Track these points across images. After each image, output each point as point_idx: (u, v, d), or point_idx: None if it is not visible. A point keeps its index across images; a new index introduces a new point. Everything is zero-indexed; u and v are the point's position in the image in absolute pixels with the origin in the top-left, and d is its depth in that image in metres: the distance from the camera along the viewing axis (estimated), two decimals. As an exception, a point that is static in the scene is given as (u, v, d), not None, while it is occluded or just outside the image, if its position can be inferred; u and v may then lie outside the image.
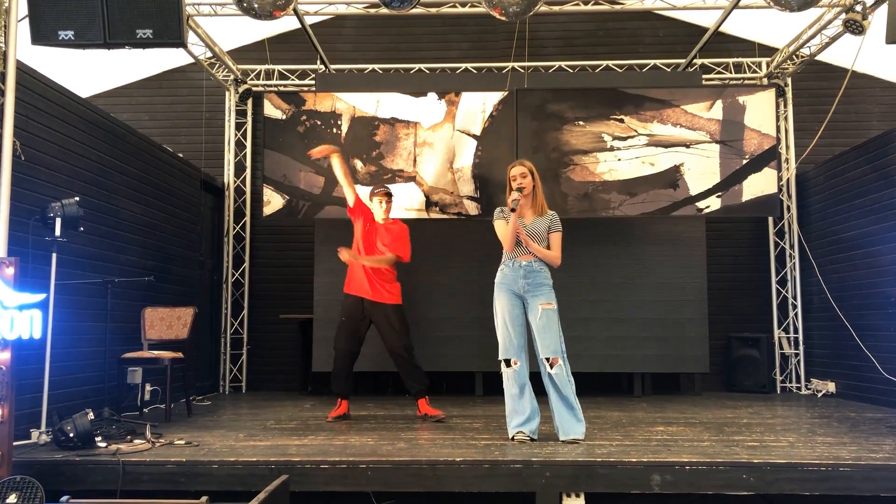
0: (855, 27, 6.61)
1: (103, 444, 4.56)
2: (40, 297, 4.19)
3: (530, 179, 4.97)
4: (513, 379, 4.87)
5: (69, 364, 5.45)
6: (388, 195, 6.08)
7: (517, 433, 4.79)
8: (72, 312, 5.45)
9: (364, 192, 6.37)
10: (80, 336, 5.62)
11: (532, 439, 4.76)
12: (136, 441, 4.69)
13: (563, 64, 8.58)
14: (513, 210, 4.85)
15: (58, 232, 4.96)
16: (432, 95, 7.35)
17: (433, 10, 7.20)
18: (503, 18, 6.02)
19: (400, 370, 6.02)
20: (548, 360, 4.78)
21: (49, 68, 5.71)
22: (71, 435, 4.47)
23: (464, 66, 8.61)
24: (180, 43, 5.44)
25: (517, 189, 4.92)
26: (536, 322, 4.84)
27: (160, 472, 4.15)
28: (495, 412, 6.34)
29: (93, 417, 4.72)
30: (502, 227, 4.96)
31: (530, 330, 4.91)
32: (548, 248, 4.98)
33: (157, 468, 4.16)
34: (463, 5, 7.14)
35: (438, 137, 7.29)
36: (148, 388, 6.39)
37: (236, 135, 8.83)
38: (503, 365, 4.90)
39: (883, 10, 5.57)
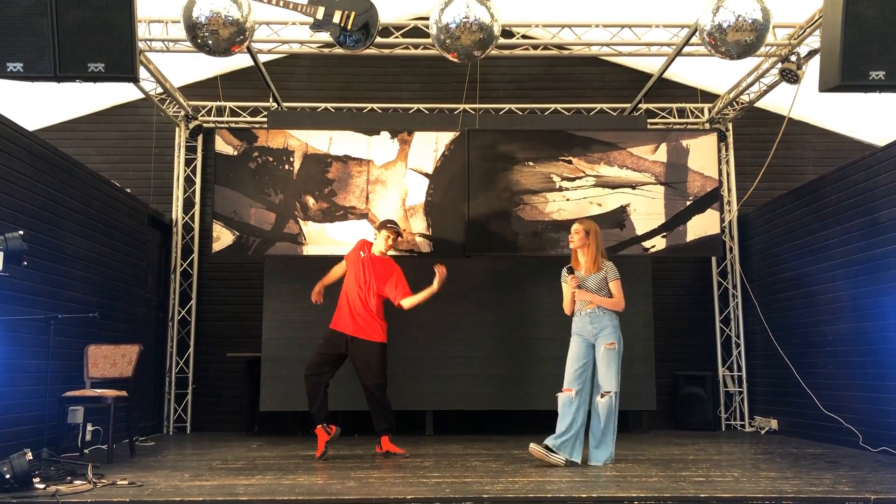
0: (790, 76, 6.92)
1: (41, 486, 4.40)
2: (-20, 332, 4.08)
3: (582, 237, 5.60)
4: (564, 403, 5.50)
5: (7, 403, 5.29)
6: (399, 234, 6.40)
7: (542, 446, 5.47)
8: (12, 349, 5.30)
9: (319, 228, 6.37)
10: (19, 373, 5.45)
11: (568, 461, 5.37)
12: (77, 482, 4.54)
13: (513, 106, 8.76)
14: (566, 282, 5.58)
15: (0, 266, 4.83)
16: (385, 134, 7.43)
17: (386, 52, 7.30)
18: (457, 61, 6.14)
19: (369, 407, 6.08)
20: (602, 393, 5.45)
21: (-6, 100, 5.63)
22: (7, 476, 4.30)
23: (416, 106, 8.73)
24: (133, 77, 5.40)
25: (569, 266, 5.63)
26: (599, 359, 5.49)
27: (102, 514, 4.02)
28: (445, 451, 6.32)
29: (31, 458, 4.56)
30: (564, 290, 5.65)
31: (594, 365, 5.54)
32: (610, 296, 5.54)
33: (98, 509, 4.03)
34: (416, 48, 7.25)
35: (391, 175, 7.35)
36: (90, 427, 6.20)
37: (186, 171, 8.76)
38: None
39: (816, 60, 5.85)
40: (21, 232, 5.00)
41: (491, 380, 7.71)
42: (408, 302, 6.17)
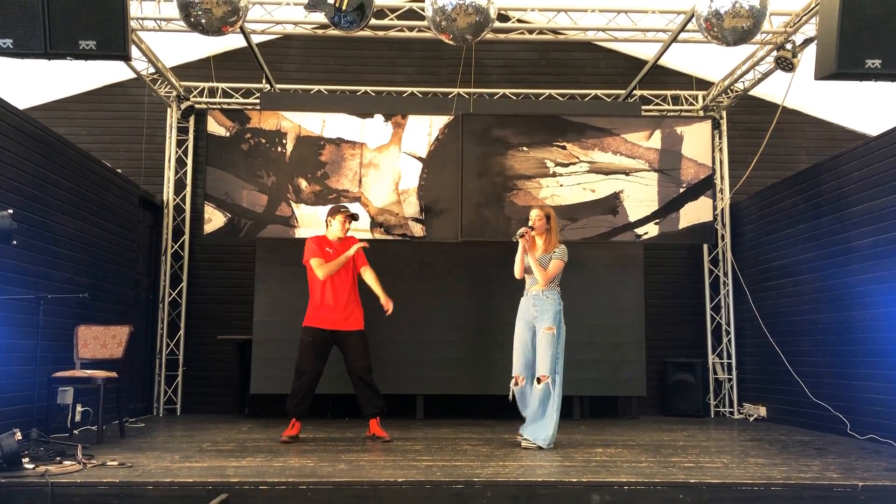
0: (785, 64, 6.90)
1: (31, 466, 4.39)
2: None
3: (544, 222, 5.74)
4: (518, 395, 5.65)
5: (-4, 383, 5.25)
6: (354, 217, 6.22)
7: (517, 434, 5.70)
8: (1, 329, 5.26)
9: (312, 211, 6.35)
10: (8, 353, 5.42)
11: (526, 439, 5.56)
12: (66, 462, 4.53)
13: (507, 91, 8.72)
14: (518, 237, 5.66)
15: (-11, 245, 4.80)
16: (379, 117, 7.39)
17: (381, 34, 7.24)
18: (452, 43, 6.10)
19: (358, 391, 6.03)
20: (538, 377, 5.50)
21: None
22: (-4, 456, 4.30)
23: (410, 90, 8.68)
24: (124, 56, 5.33)
25: (530, 226, 5.73)
26: (538, 342, 5.57)
27: (92, 494, 4.01)
28: (435, 434, 6.34)
29: (20, 438, 4.54)
30: (518, 253, 5.76)
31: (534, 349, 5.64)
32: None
33: (88, 490, 4.02)
34: (410, 30, 7.20)
35: (384, 159, 7.32)
36: (79, 408, 6.19)
37: (177, 152, 8.70)
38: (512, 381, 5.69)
39: (812, 48, 5.84)
40: (10, 211, 4.95)
41: (481, 364, 7.71)
42: (369, 274, 6.10)
